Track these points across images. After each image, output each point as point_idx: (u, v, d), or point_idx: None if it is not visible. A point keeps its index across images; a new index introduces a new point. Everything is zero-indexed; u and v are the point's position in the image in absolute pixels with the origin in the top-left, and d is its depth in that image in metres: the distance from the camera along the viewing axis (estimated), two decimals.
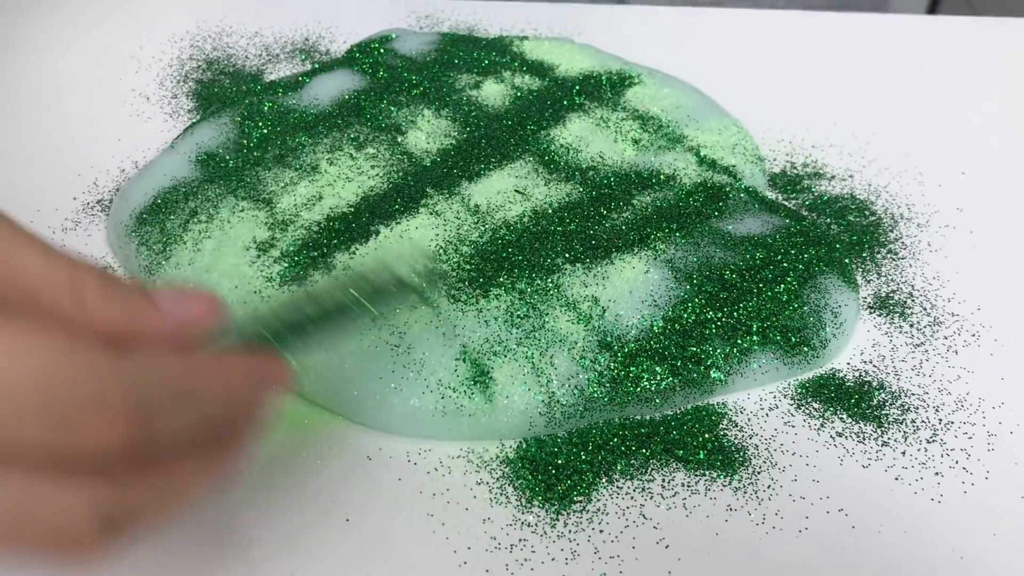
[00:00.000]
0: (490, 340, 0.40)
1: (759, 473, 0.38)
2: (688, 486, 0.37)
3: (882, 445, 0.39)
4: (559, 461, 0.38)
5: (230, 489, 0.36)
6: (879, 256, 0.49)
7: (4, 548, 0.23)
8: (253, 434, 0.27)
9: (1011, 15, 0.72)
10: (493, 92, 0.54)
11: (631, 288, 0.42)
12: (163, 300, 0.26)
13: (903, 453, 0.39)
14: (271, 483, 0.37)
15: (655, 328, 0.41)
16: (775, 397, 0.41)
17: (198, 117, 0.56)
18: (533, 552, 0.35)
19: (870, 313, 0.45)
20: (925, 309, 0.46)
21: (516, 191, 0.47)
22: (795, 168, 0.54)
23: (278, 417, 0.39)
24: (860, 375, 0.42)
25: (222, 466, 0.26)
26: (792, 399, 0.41)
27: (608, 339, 0.40)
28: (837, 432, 0.40)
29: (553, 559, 0.35)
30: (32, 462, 0.22)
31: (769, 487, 0.38)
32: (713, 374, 0.40)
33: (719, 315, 0.41)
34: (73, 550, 0.23)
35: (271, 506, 0.36)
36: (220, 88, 0.58)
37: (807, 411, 0.41)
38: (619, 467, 0.38)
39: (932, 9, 1.25)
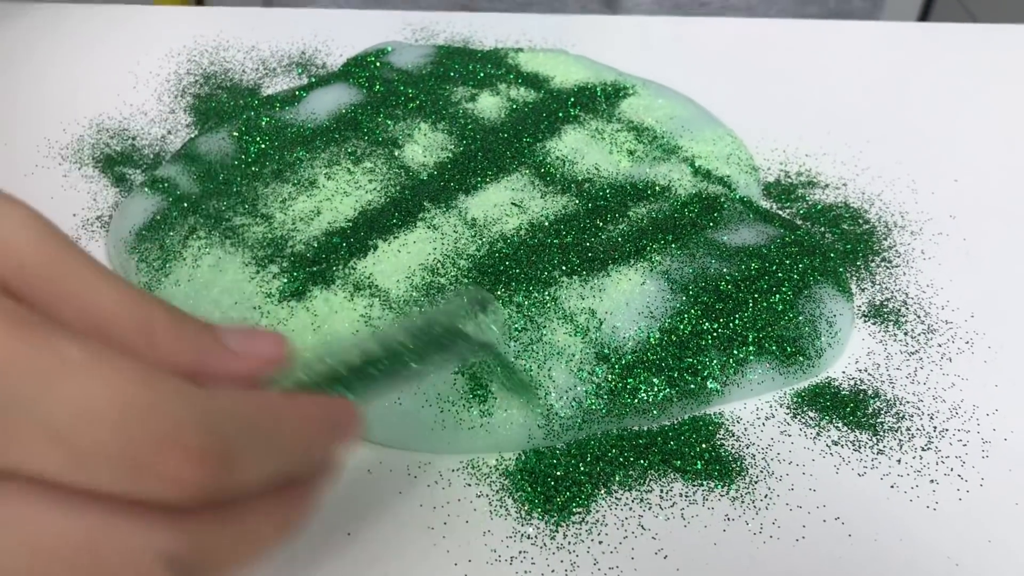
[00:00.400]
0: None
1: (756, 482, 0.38)
2: (686, 496, 0.38)
3: (877, 453, 0.40)
4: (558, 473, 0.38)
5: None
6: (873, 264, 0.49)
7: None
8: (325, 483, 0.26)
9: (1010, 19, 0.73)
10: (489, 105, 0.55)
11: (627, 300, 0.42)
12: (231, 339, 0.25)
13: (898, 461, 0.39)
14: None
15: (652, 339, 0.41)
16: (771, 406, 0.42)
17: (196, 132, 0.56)
18: (533, 564, 0.35)
19: (865, 321, 0.46)
20: (919, 317, 0.46)
21: (513, 204, 0.48)
22: (789, 177, 0.55)
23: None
24: (855, 383, 0.43)
25: (298, 516, 0.25)
26: (788, 408, 0.42)
27: (605, 351, 0.40)
28: (833, 441, 0.40)
29: (553, 571, 0.35)
30: (106, 500, 0.21)
31: (766, 496, 0.38)
32: (710, 384, 0.40)
33: (715, 326, 0.42)
34: None
35: None
36: (217, 103, 0.59)
37: (803, 420, 0.41)
38: (617, 478, 0.38)
39: (924, 16, 1.26)
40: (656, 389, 0.40)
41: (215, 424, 0.21)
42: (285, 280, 0.43)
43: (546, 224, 0.46)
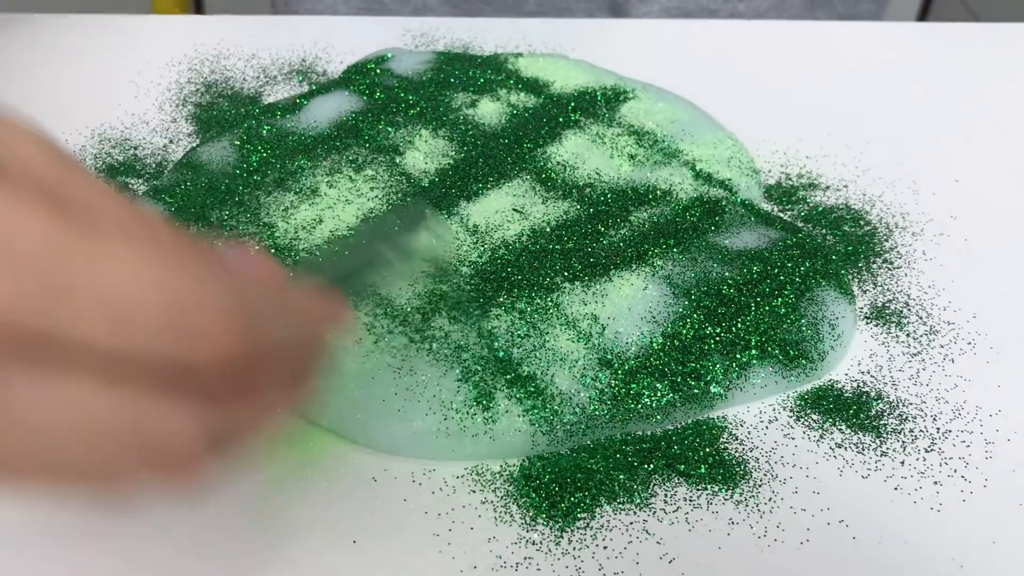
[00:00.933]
0: (491, 360, 0.40)
1: (760, 486, 0.39)
2: (690, 500, 0.38)
3: (881, 455, 0.40)
4: (562, 479, 0.38)
5: (236, 514, 0.37)
6: (875, 266, 0.49)
7: (119, 470, 0.23)
8: (321, 370, 0.29)
9: (1012, 18, 0.73)
10: (489, 110, 0.55)
11: (630, 305, 0.43)
12: (230, 253, 0.27)
13: (902, 463, 0.40)
14: (277, 506, 0.37)
15: (655, 344, 0.41)
16: (774, 410, 0.42)
17: (198, 141, 0.56)
18: (538, 570, 0.35)
19: (867, 323, 0.46)
20: (921, 318, 0.46)
21: (514, 210, 0.48)
22: (790, 179, 0.55)
23: (286, 438, 0.40)
24: (858, 386, 0.43)
25: (300, 394, 0.28)
26: (791, 411, 0.42)
27: (608, 356, 0.41)
28: (836, 443, 0.40)
29: None
30: (152, 380, 0.23)
31: (770, 500, 0.38)
32: (713, 389, 0.41)
33: (718, 330, 0.42)
34: (182, 469, 0.24)
35: (278, 529, 0.37)
36: (219, 111, 0.59)
37: (806, 423, 0.41)
38: (621, 483, 0.38)
39: (923, 14, 1.26)
40: (659, 394, 0.40)
41: (248, 302, 0.24)
42: None
43: (547, 230, 0.47)
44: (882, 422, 0.41)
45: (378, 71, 0.59)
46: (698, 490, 0.38)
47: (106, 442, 0.23)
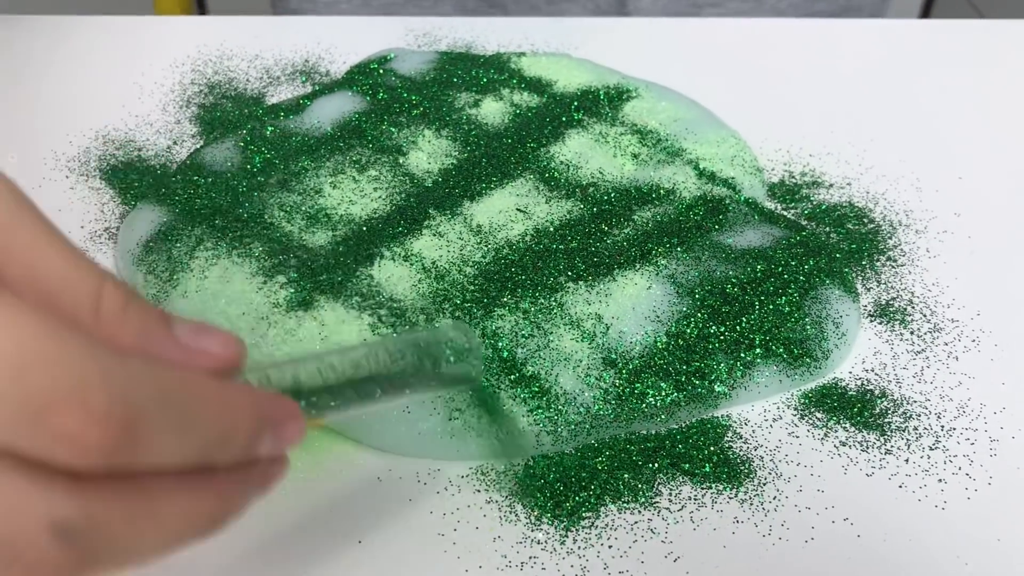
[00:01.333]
0: (495, 360, 0.40)
1: (764, 484, 0.39)
2: (695, 499, 0.38)
3: (885, 453, 0.40)
4: (567, 478, 0.38)
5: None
6: (878, 264, 0.49)
7: None
8: (255, 484, 0.24)
9: (1015, 14, 0.73)
10: (492, 110, 0.55)
11: (634, 304, 0.43)
12: (181, 330, 0.23)
13: (906, 461, 0.40)
14: (283, 507, 0.37)
15: (659, 344, 0.41)
16: (779, 408, 0.42)
17: (202, 142, 0.56)
18: (543, 570, 0.35)
19: (871, 321, 0.46)
20: (925, 316, 0.46)
21: (518, 209, 0.48)
22: (793, 177, 0.55)
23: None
24: (862, 384, 0.43)
25: (215, 510, 0.23)
26: (796, 410, 0.42)
27: (612, 356, 0.41)
28: (841, 441, 0.40)
29: (563, 575, 0.35)
30: None
31: (775, 498, 0.38)
32: (717, 388, 0.41)
33: (722, 329, 0.42)
34: (28, 566, 0.19)
35: (283, 530, 0.37)
36: (222, 112, 0.59)
37: (811, 421, 0.41)
38: (626, 482, 0.38)
39: (927, 10, 1.26)
40: (664, 393, 0.40)
41: (125, 388, 0.19)
42: (292, 290, 0.43)
43: (551, 229, 0.47)
44: (886, 420, 0.41)
45: (381, 71, 0.59)
46: (703, 489, 0.38)
47: None
